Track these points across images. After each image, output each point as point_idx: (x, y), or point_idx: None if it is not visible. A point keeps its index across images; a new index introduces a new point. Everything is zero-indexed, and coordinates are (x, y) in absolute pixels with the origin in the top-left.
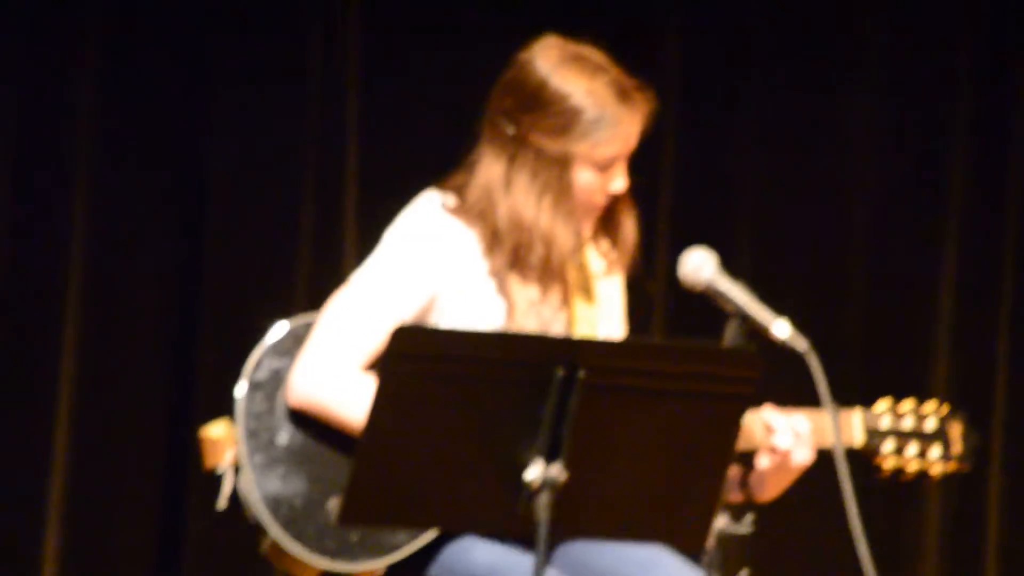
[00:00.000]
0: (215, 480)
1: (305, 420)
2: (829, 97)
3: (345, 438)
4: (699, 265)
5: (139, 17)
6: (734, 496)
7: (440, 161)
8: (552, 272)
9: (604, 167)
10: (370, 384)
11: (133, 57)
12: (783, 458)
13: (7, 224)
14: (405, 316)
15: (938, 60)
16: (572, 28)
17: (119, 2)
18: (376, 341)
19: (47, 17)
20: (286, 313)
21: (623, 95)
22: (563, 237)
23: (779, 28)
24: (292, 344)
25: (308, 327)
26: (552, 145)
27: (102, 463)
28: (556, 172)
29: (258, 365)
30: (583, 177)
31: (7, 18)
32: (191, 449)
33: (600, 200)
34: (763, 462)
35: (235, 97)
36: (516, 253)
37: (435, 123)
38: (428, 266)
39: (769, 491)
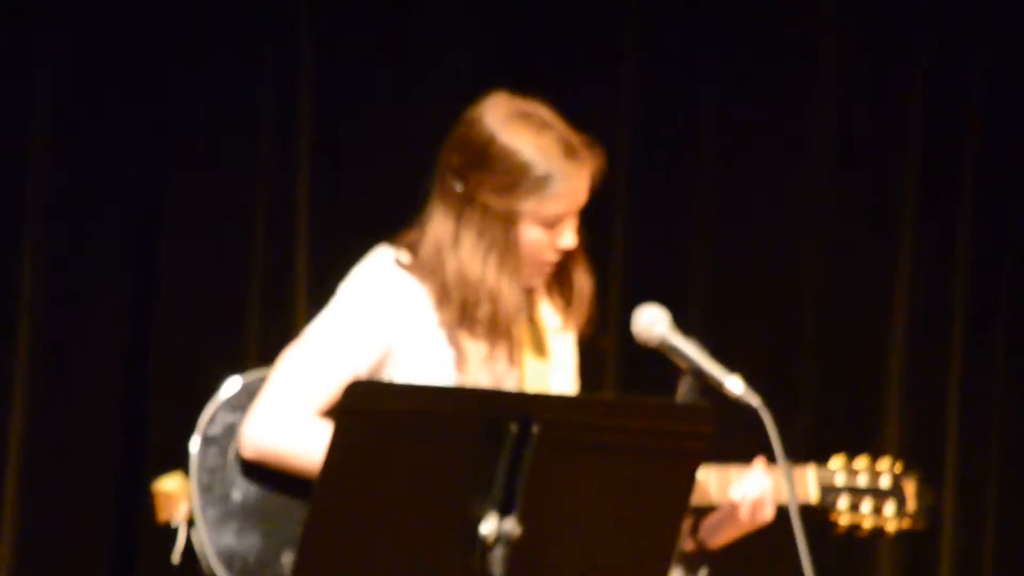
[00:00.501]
0: (169, 533)
1: (259, 474)
2: (782, 157)
3: (300, 491)
4: (652, 321)
5: (92, 62)
6: (686, 544)
7: (393, 219)
8: (499, 329)
9: (552, 224)
10: (324, 429)
11: (85, 101)
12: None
13: None
14: (359, 370)
15: (889, 115)
16: (528, 70)
17: (71, 41)
18: (329, 393)
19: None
20: (237, 368)
21: (570, 151)
22: (509, 294)
23: (731, 83)
24: (246, 399)
25: (261, 381)
26: (499, 203)
27: (52, 516)
28: (502, 230)
29: (212, 420)
30: (531, 234)
31: None
32: (142, 503)
33: (550, 257)
34: (758, 514)
35: (188, 152)
36: (464, 309)
37: (388, 180)
38: (382, 320)
39: (721, 540)
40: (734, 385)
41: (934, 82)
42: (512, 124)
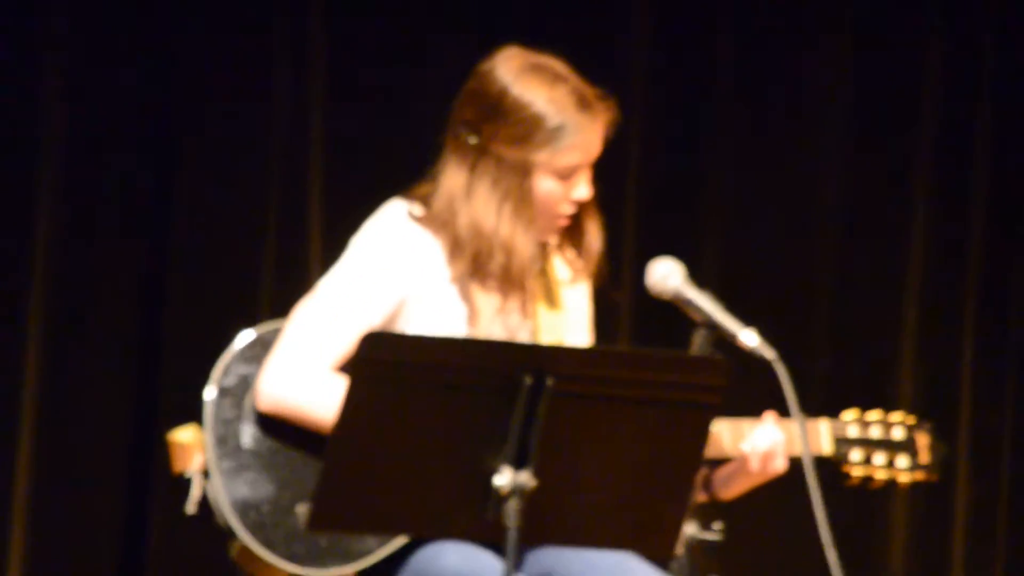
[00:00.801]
0: (182, 484)
1: (273, 426)
2: (797, 103)
3: (314, 443)
4: (666, 274)
5: (105, 37)
6: (699, 497)
7: (404, 171)
8: (512, 280)
9: (566, 175)
10: (340, 383)
11: (99, 67)
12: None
13: None
14: (373, 321)
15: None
16: (538, 34)
17: (82, 23)
18: (344, 346)
19: (7, 48)
20: (250, 321)
21: (583, 103)
22: (522, 245)
23: (746, 30)
24: (260, 350)
25: (275, 334)
26: (513, 154)
27: (67, 467)
28: (516, 181)
29: (226, 371)
30: (545, 186)
31: None
32: (156, 454)
33: (564, 209)
34: (769, 465)
35: (202, 104)
36: (476, 261)
37: (399, 132)
38: (395, 272)
39: (733, 492)
40: (748, 338)
41: (950, 49)
42: (525, 77)
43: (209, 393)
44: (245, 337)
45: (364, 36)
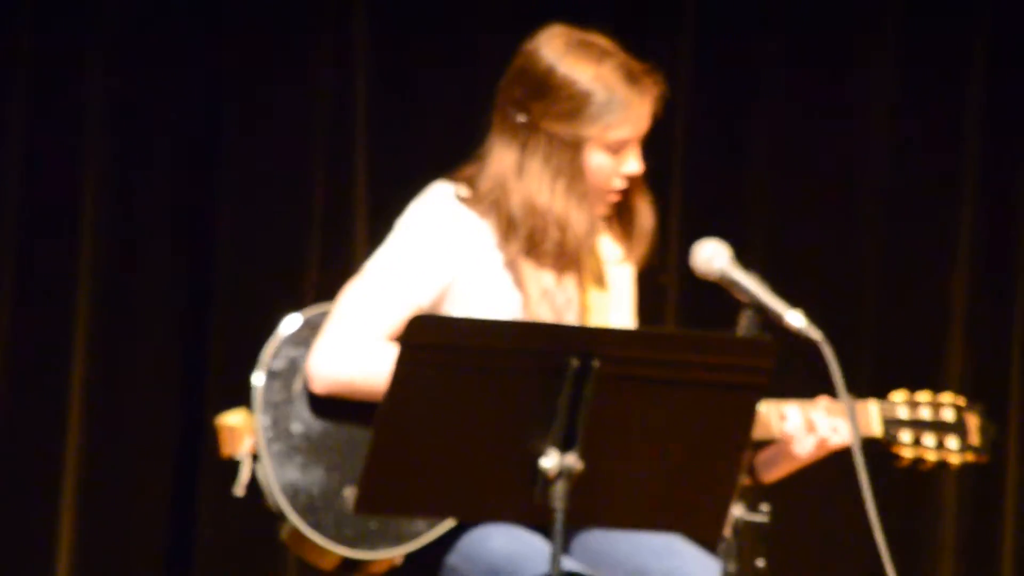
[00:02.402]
0: (231, 467)
1: (323, 409)
2: (845, 81)
3: (363, 428)
4: (712, 255)
5: (149, 21)
6: (745, 479)
7: (449, 153)
8: (568, 256)
9: (616, 150)
10: (390, 349)
11: (142, 52)
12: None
13: (17, 209)
14: (420, 303)
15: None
16: (581, 18)
17: (127, 8)
18: (391, 324)
19: (54, 32)
20: (297, 304)
21: (631, 78)
22: (578, 220)
23: (793, 13)
24: (308, 333)
25: (323, 317)
26: (563, 129)
27: (116, 451)
28: (568, 156)
29: (275, 354)
30: (596, 160)
31: (14, 41)
32: (204, 437)
33: (615, 184)
34: (806, 445)
35: (246, 88)
36: (531, 239)
37: (445, 115)
38: (442, 253)
39: (776, 474)
40: (795, 319)
41: (997, 38)
42: (572, 53)
43: (258, 377)
44: (293, 320)
45: (407, 20)
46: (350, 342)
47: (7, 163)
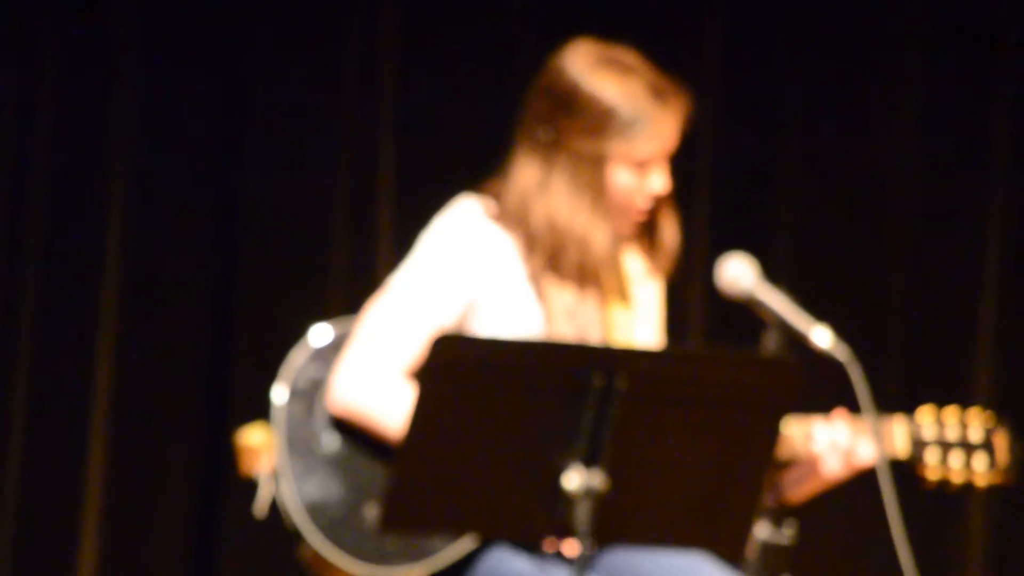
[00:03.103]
0: (251, 486)
1: (344, 427)
2: (872, 97)
3: (383, 447)
4: (738, 274)
5: (177, 20)
6: (770, 499)
7: (474, 169)
8: (588, 274)
9: (642, 167)
10: (409, 391)
11: (170, 57)
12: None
13: (43, 232)
14: (445, 321)
15: (977, 69)
16: (609, 30)
17: (156, 6)
18: (415, 347)
19: (88, 30)
20: (320, 318)
21: (658, 95)
22: (599, 239)
23: (819, 29)
24: (330, 351)
25: (345, 333)
26: (588, 146)
27: (138, 468)
28: (592, 173)
29: (295, 372)
30: (621, 178)
31: (48, 39)
32: (226, 454)
33: (640, 203)
34: (833, 464)
35: (270, 102)
36: (552, 256)
37: (470, 130)
38: (467, 270)
39: (801, 495)
40: (821, 338)
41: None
42: (597, 69)
43: (279, 394)
44: (315, 336)
45: (434, 32)
46: (373, 371)
47: (35, 158)
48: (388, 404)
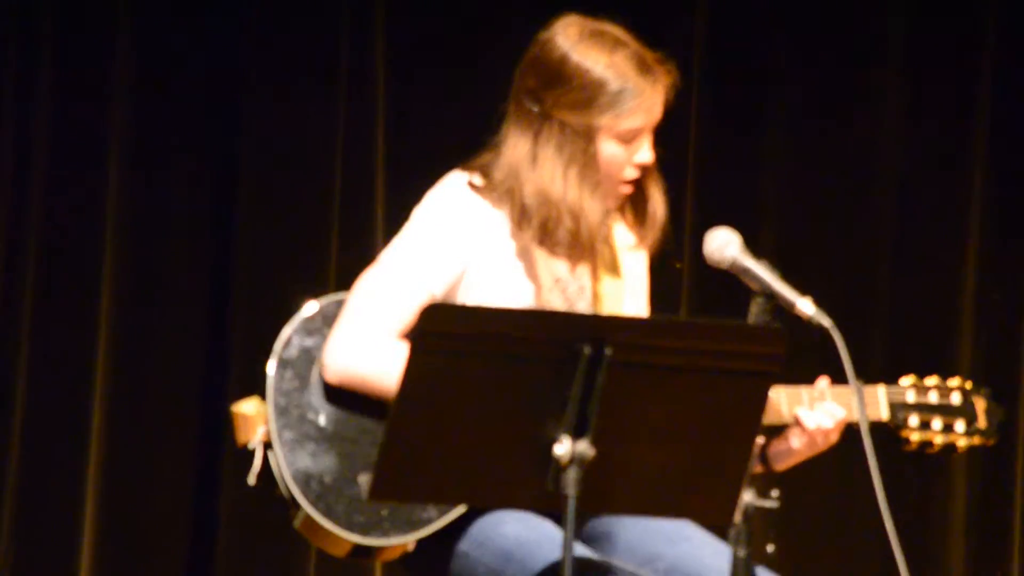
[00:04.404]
0: (248, 455)
1: (336, 397)
2: (856, 73)
3: (376, 414)
4: (724, 243)
5: (172, 10)
6: (756, 467)
7: (466, 144)
8: (581, 245)
9: (629, 139)
10: (404, 350)
11: (167, 44)
12: (811, 438)
13: (43, 206)
14: (435, 290)
15: (962, 35)
16: (595, 10)
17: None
18: (407, 315)
19: (83, 9)
20: (317, 291)
21: (644, 67)
22: (591, 209)
23: (807, 6)
24: (321, 322)
25: (338, 305)
26: (576, 119)
27: (137, 437)
28: (581, 145)
29: (288, 342)
30: (608, 149)
31: (45, 13)
32: (225, 425)
33: (628, 174)
34: (794, 442)
35: (266, 78)
36: (544, 228)
37: (461, 106)
38: (457, 241)
39: (789, 463)
40: (805, 306)
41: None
42: (584, 43)
43: (270, 365)
44: (308, 308)
45: (425, 9)
46: (367, 335)
47: (34, 140)
48: (384, 363)
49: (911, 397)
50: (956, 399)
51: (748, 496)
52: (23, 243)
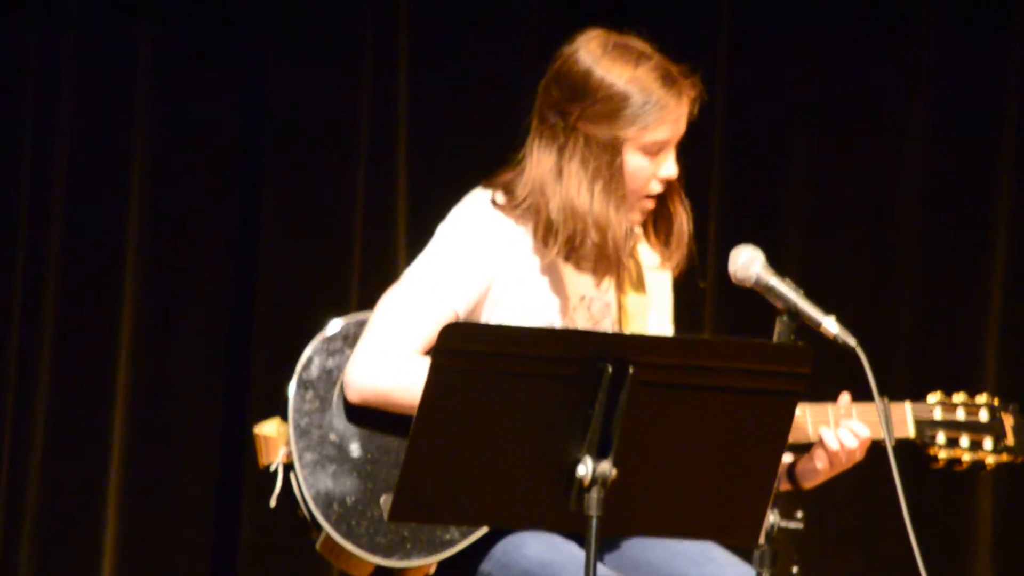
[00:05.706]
0: (269, 477)
1: (357, 418)
2: (879, 90)
3: (397, 435)
4: (748, 262)
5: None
6: (782, 486)
7: (489, 164)
8: (607, 259)
9: (654, 152)
10: (426, 364)
11: (188, 45)
12: (836, 457)
13: (63, 225)
14: (458, 309)
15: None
16: (619, 22)
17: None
18: (430, 332)
19: (106, 13)
20: (339, 311)
21: (669, 79)
22: (617, 222)
23: (832, 20)
24: (341, 343)
25: (359, 325)
26: (601, 132)
27: (159, 458)
28: (606, 158)
29: (308, 363)
30: (633, 162)
31: (66, 9)
32: (247, 446)
33: (652, 188)
34: (818, 464)
35: (292, 101)
36: (570, 242)
37: (483, 127)
38: (480, 259)
39: (815, 482)
40: (831, 325)
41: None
42: (609, 56)
43: (291, 386)
44: (329, 329)
45: (447, 26)
46: (388, 353)
47: (56, 141)
48: (406, 380)
49: (938, 414)
50: (984, 416)
51: (773, 517)
52: (44, 254)
